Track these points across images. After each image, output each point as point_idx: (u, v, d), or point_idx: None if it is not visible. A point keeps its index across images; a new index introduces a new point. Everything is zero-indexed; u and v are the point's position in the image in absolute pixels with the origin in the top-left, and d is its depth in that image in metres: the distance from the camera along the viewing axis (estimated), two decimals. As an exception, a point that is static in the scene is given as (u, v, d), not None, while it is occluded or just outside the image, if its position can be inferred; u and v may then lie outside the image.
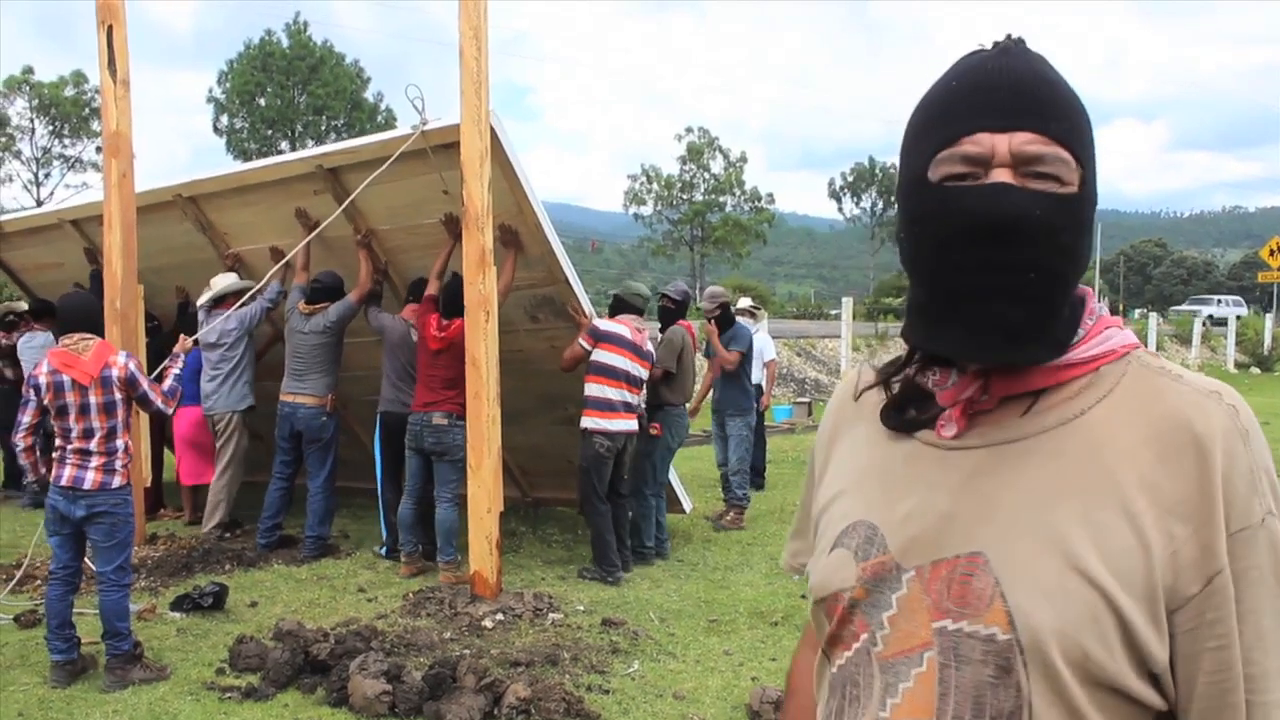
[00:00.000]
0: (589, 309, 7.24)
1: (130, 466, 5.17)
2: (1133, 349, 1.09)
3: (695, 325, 8.65)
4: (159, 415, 5.69)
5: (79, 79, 47.93)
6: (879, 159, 70.77)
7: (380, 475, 7.61)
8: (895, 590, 1.07)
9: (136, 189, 7.87)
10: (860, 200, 72.52)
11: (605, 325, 6.98)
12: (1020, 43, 1.08)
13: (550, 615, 6.03)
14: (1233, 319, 34.95)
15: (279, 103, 49.45)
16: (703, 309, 9.12)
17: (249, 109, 49.99)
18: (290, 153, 8.00)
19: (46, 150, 49.35)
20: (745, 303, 10.71)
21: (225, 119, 50.60)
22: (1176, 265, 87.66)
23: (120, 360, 5.10)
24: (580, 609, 6.22)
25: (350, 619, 5.93)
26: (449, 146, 6.42)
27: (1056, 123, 1.04)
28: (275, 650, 5.14)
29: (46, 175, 49.53)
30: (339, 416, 7.89)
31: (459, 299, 6.42)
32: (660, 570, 7.27)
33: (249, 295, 7.81)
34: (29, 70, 48.25)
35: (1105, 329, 1.09)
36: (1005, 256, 1.01)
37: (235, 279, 8.08)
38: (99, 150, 40.35)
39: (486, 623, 5.84)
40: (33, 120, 48.63)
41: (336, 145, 7.66)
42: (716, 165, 60.68)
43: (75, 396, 4.97)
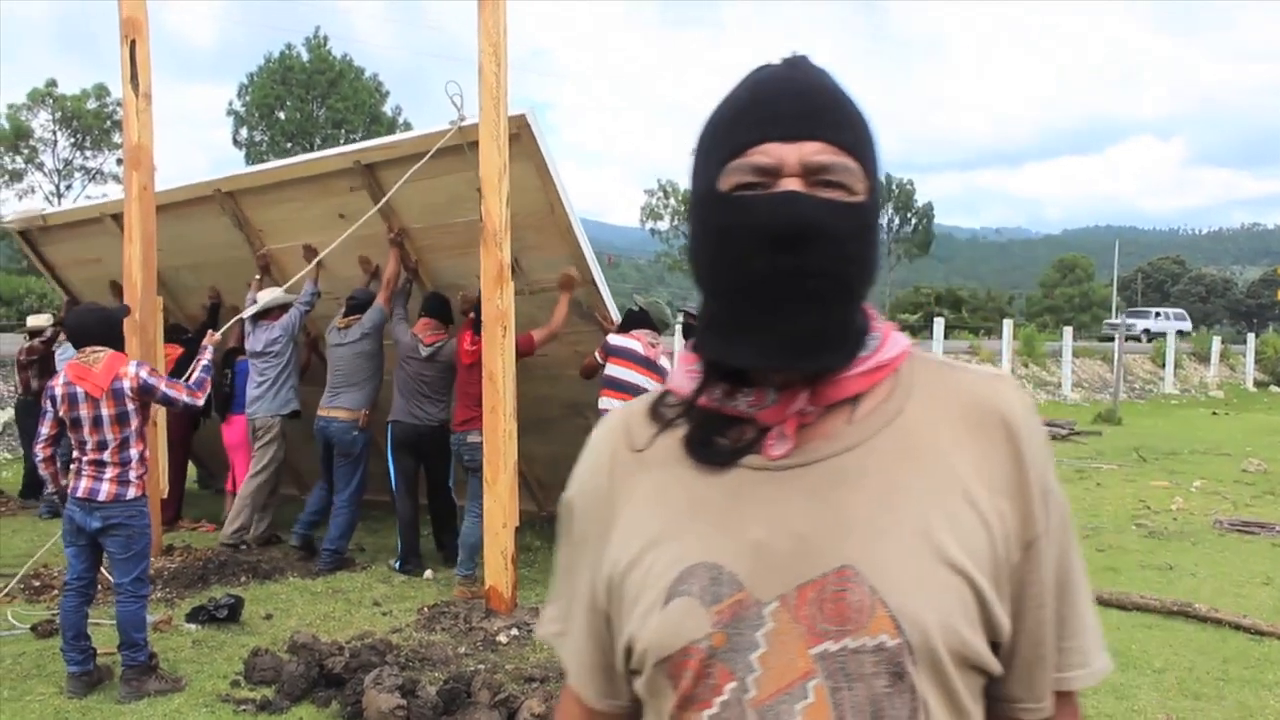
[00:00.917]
0: (615, 316, 7.27)
1: (146, 477, 5.20)
2: (911, 348, 1.13)
3: None
4: (191, 410, 5.72)
5: (101, 92, 48.40)
6: (895, 175, 70.74)
7: (394, 488, 7.65)
8: (759, 627, 1.01)
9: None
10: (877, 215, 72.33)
11: (616, 340, 6.98)
12: (806, 59, 1.10)
13: (565, 631, 6.00)
14: (1172, 334, 32.85)
15: (298, 116, 49.77)
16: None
17: (268, 122, 50.33)
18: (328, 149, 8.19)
19: (68, 162, 49.82)
20: None
21: (245, 132, 50.96)
22: (1195, 283, 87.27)
23: (131, 370, 5.12)
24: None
25: (365, 632, 5.92)
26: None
27: (843, 133, 1.05)
28: (290, 663, 5.14)
29: (68, 187, 49.98)
30: (370, 432, 7.92)
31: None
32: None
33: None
34: (52, 83, 48.77)
35: (892, 332, 1.12)
36: (797, 264, 1.01)
37: (280, 293, 8.21)
38: (119, 162, 40.64)
39: (501, 638, 5.83)
40: (55, 132, 49.12)
41: (374, 141, 7.74)
42: (733, 180, 60.78)
43: (88, 409, 5.01)
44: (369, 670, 4.90)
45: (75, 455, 5.07)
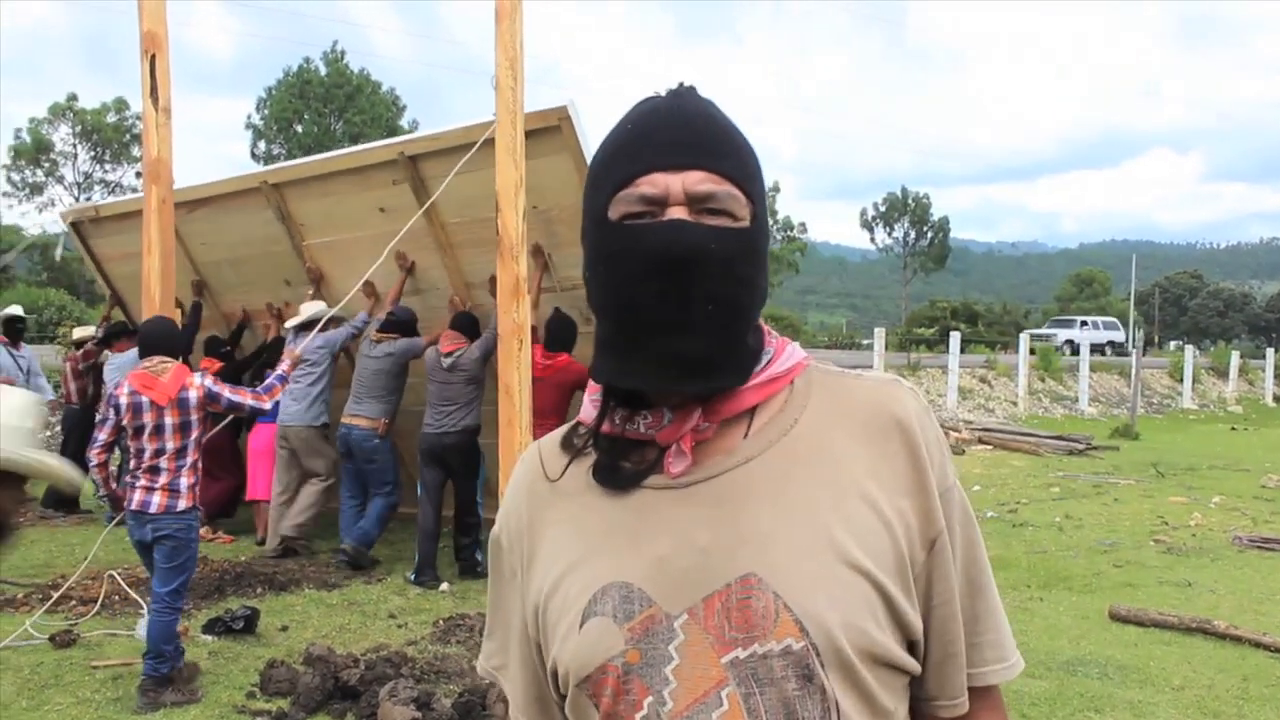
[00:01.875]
0: None
1: (197, 488, 5.29)
2: (810, 360, 1.17)
3: None
4: (257, 414, 5.86)
5: (121, 106, 48.85)
6: (911, 188, 70.81)
7: (419, 498, 7.81)
8: (671, 640, 1.04)
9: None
10: (892, 230, 72.41)
11: None
12: (692, 89, 1.13)
13: (580, 644, 6.00)
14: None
15: (316, 130, 50.08)
16: None
17: (286, 135, 50.66)
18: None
19: (88, 175, 50.28)
20: None
21: (263, 145, 51.29)
22: (1212, 297, 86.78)
23: (196, 381, 5.28)
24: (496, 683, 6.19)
25: (380, 645, 5.93)
26: (527, 135, 6.59)
27: (726, 161, 1.08)
28: (306, 675, 5.15)
29: (87, 199, 50.31)
30: (391, 441, 8.12)
31: (561, 334, 7.11)
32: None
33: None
34: (73, 97, 49.31)
35: (787, 346, 1.16)
36: (684, 289, 1.04)
37: (324, 306, 8.35)
38: (138, 175, 40.92)
39: (516, 651, 5.82)
40: (75, 146, 49.58)
41: (418, 134, 7.86)
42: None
43: (152, 417, 5.13)
44: (384, 683, 4.91)
45: (131, 465, 5.19)
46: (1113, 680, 5.51)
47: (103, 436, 5.30)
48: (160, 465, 5.12)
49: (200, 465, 5.33)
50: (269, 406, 5.81)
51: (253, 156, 51.57)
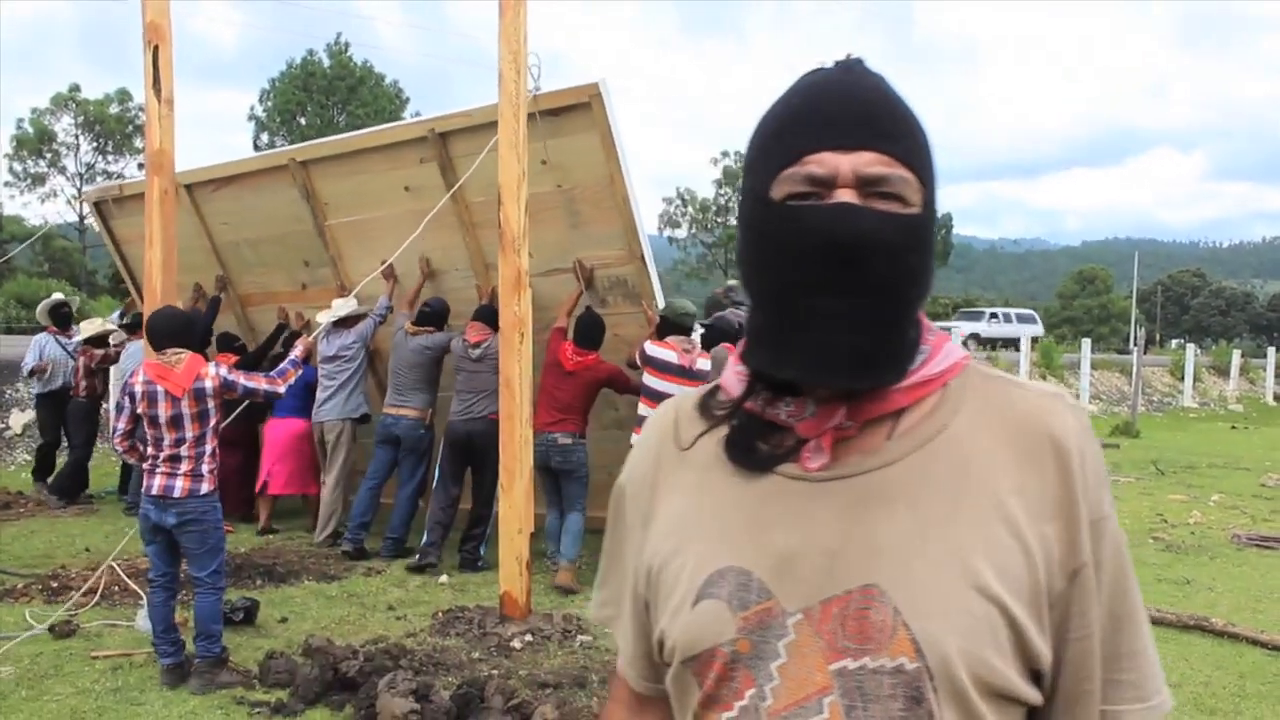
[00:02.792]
0: (659, 298, 7.47)
1: (216, 472, 5.34)
2: (969, 360, 1.09)
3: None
4: (273, 398, 5.91)
5: (123, 96, 48.85)
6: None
7: (434, 483, 8.03)
8: (783, 637, 1.01)
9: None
10: (895, 225, 72.22)
11: (652, 350, 7.09)
12: (860, 62, 1.07)
13: (579, 637, 6.02)
14: (1026, 340, 27.59)
15: (319, 122, 50.04)
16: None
17: (289, 127, 50.63)
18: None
19: (90, 166, 50.25)
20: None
21: (266, 137, 51.25)
22: (1215, 296, 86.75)
23: (211, 371, 5.30)
24: (609, 631, 6.19)
25: (379, 637, 5.95)
26: (556, 114, 6.88)
27: (899, 142, 1.02)
28: (305, 667, 5.16)
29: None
30: (433, 431, 8.31)
31: (591, 333, 7.28)
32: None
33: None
34: (75, 88, 49.26)
35: (945, 344, 1.09)
36: (850, 278, 0.99)
37: (354, 303, 8.53)
38: (141, 166, 40.89)
39: (515, 643, 5.84)
40: (78, 136, 49.57)
41: (448, 111, 7.92)
42: (752, 189, 60.55)
43: (167, 407, 5.15)
44: (383, 674, 4.91)
45: (149, 452, 5.21)
46: (1110, 677, 5.51)
47: (121, 425, 5.32)
48: (181, 454, 5.16)
49: (219, 453, 5.37)
50: (283, 390, 5.82)
51: (255, 148, 51.46)
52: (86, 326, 10.87)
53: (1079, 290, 79.03)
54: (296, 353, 6.28)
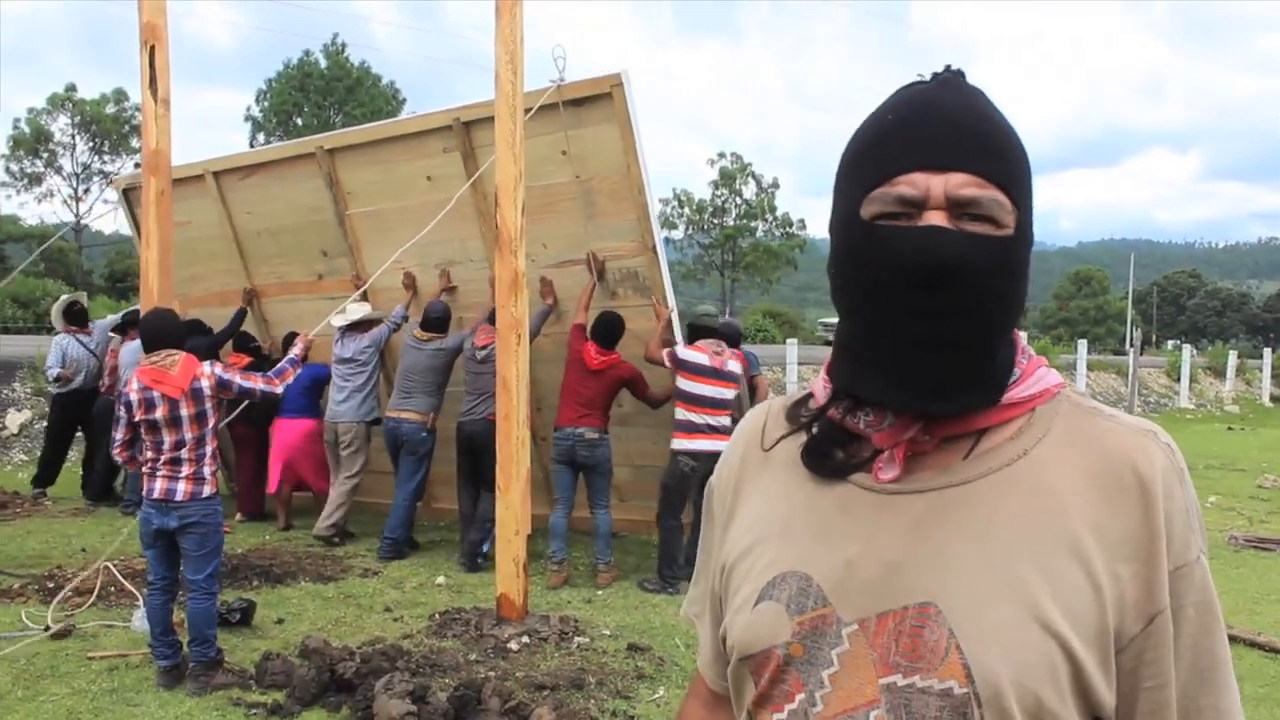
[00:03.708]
0: (669, 292, 7.56)
1: (217, 474, 5.36)
2: (1062, 388, 1.07)
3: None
4: (270, 398, 5.94)
5: (120, 97, 48.77)
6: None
7: (458, 487, 8.16)
8: (836, 646, 1.01)
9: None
10: (892, 227, 72.17)
11: (684, 354, 7.31)
12: (959, 75, 1.06)
13: (576, 639, 6.01)
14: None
15: (315, 122, 50.02)
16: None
17: (286, 128, 50.62)
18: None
19: (86, 166, 50.19)
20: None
21: (262, 137, 51.22)
22: (1211, 297, 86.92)
23: (207, 370, 5.29)
24: (606, 634, 6.20)
25: (376, 638, 5.94)
26: (580, 103, 7.04)
27: (992, 162, 1.01)
28: (301, 668, 5.15)
29: (86, 190, 50.32)
30: (435, 434, 8.41)
31: (611, 333, 7.41)
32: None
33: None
34: (72, 88, 49.15)
35: (1038, 369, 1.07)
36: (937, 302, 0.98)
37: (369, 308, 8.68)
38: (137, 166, 40.86)
39: (512, 645, 5.83)
40: (74, 137, 49.49)
41: (473, 100, 7.99)
42: (748, 190, 60.65)
43: (165, 410, 5.14)
44: (380, 676, 4.91)
45: (149, 456, 5.19)
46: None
47: (120, 435, 5.31)
48: (182, 456, 5.15)
49: (217, 454, 5.37)
50: (280, 390, 5.85)
51: (252, 148, 51.48)
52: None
53: (1075, 291, 79.18)
54: (295, 352, 6.28)
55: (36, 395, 13.89)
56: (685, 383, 7.25)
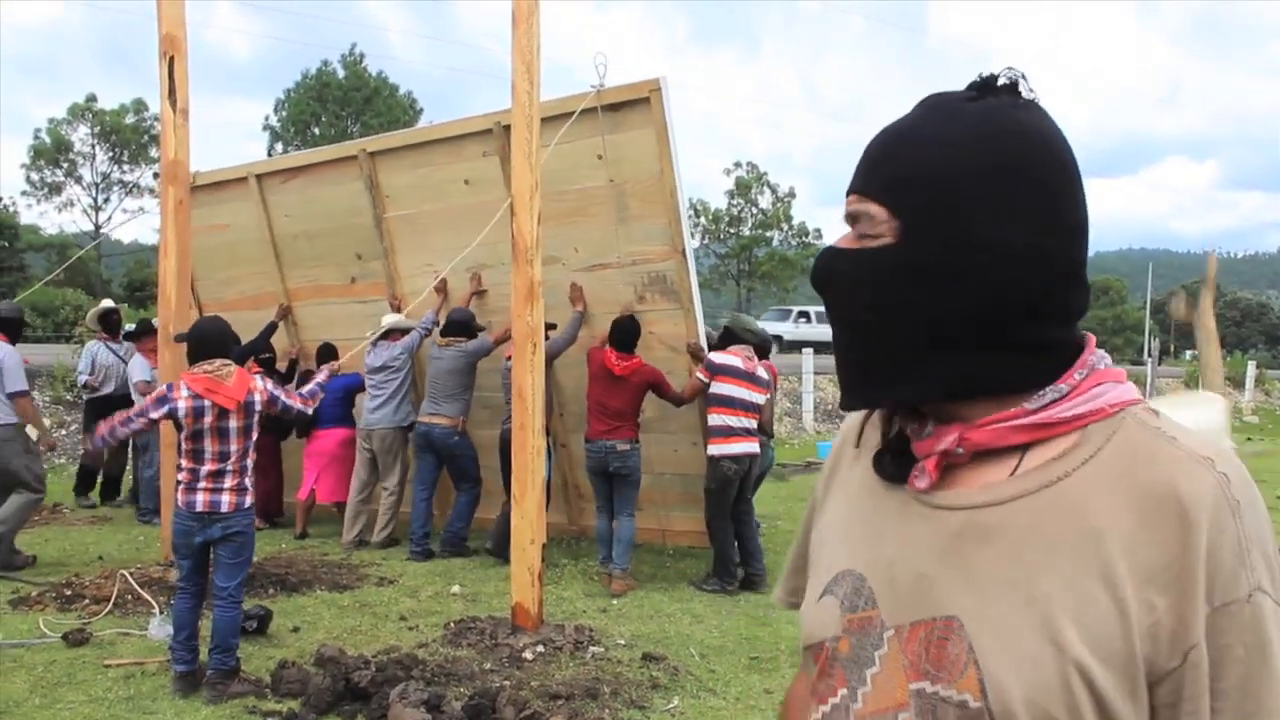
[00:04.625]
0: (696, 295, 7.65)
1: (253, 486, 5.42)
2: (1128, 405, 1.04)
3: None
4: (301, 418, 6.01)
5: (139, 107, 49.02)
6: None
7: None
8: (878, 647, 1.06)
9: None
10: (907, 236, 71.99)
11: (719, 359, 7.45)
12: (937, 97, 1.10)
13: (591, 649, 6.01)
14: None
15: (333, 132, 50.24)
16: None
17: (304, 138, 50.83)
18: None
19: (106, 176, 50.46)
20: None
21: (280, 147, 51.46)
22: (1230, 306, 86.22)
23: (259, 384, 5.33)
24: (621, 643, 6.19)
25: (391, 647, 5.94)
26: (618, 108, 7.17)
27: (873, 177, 1.08)
28: (317, 676, 5.16)
29: (106, 200, 50.60)
30: (469, 436, 8.64)
31: (629, 337, 7.46)
32: (702, 605, 7.22)
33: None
34: (92, 98, 49.46)
35: (1098, 385, 1.04)
36: (830, 312, 1.13)
37: (401, 317, 8.87)
38: (156, 176, 41.13)
39: (527, 654, 5.82)
40: (94, 146, 49.77)
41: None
42: (764, 200, 60.59)
43: (213, 419, 5.13)
44: (395, 684, 4.91)
45: (188, 465, 5.16)
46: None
47: (138, 426, 5.23)
48: (226, 468, 5.15)
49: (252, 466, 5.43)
50: (310, 412, 5.99)
51: (270, 158, 51.71)
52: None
53: (1093, 301, 78.45)
54: (322, 377, 6.32)
55: (55, 404, 13.97)
56: (722, 386, 7.36)
